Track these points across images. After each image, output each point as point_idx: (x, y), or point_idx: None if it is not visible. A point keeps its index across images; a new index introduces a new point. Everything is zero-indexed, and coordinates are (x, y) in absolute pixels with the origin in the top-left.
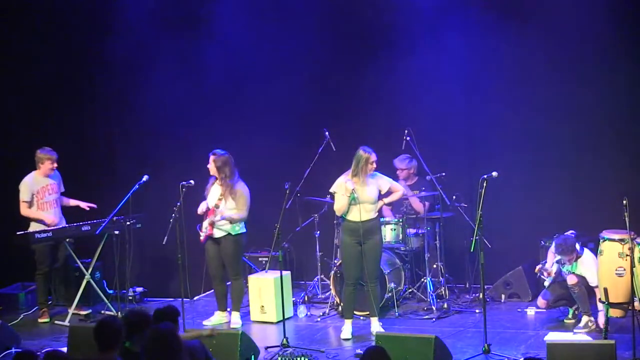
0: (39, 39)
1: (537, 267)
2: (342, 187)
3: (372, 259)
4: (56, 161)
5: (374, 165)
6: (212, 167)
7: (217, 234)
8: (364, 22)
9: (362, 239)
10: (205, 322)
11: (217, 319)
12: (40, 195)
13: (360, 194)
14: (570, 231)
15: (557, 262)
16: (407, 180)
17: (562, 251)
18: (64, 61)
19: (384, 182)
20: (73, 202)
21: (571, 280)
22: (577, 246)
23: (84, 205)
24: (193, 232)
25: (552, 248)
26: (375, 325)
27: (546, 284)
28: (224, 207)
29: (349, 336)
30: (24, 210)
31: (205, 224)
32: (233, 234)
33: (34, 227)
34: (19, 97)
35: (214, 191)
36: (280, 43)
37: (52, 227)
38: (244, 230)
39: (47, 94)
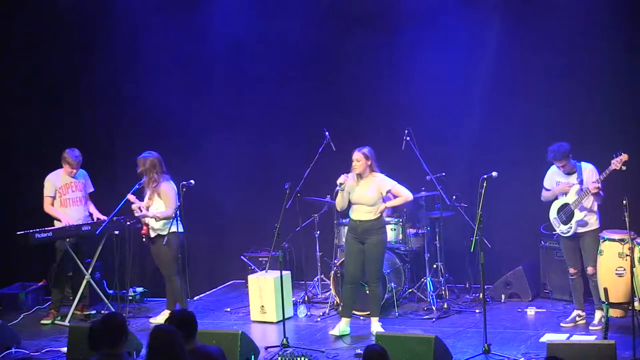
0: (36, 35)
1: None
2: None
3: (372, 259)
4: (76, 167)
5: (355, 162)
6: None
7: (151, 233)
8: (363, 21)
9: (361, 239)
10: (151, 320)
11: (163, 318)
12: (63, 192)
13: (356, 193)
14: None
15: (557, 218)
16: None
17: (555, 157)
18: (63, 60)
19: (385, 184)
20: (91, 209)
21: (573, 269)
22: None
23: (96, 215)
24: (193, 231)
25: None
26: (376, 325)
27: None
28: (152, 208)
29: (337, 333)
30: (47, 206)
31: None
32: (163, 233)
33: (59, 223)
34: (17, 98)
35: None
36: (280, 43)
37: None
38: (179, 230)
39: (46, 93)
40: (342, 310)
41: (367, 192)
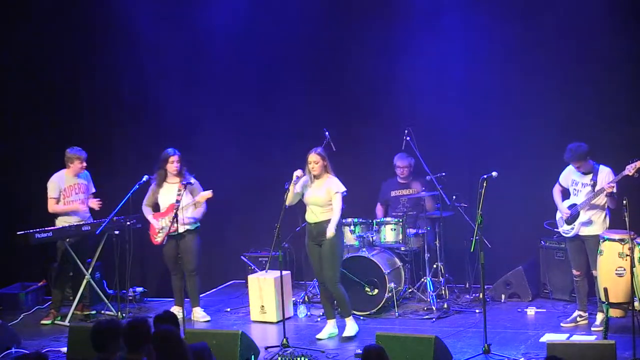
0: (36, 35)
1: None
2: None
3: (326, 262)
4: (85, 160)
5: (313, 164)
6: (177, 166)
7: (180, 229)
8: (363, 21)
9: (317, 241)
10: (201, 320)
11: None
12: (67, 193)
13: (309, 193)
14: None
15: (570, 207)
16: (401, 178)
17: (571, 157)
18: (63, 60)
19: (333, 186)
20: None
21: (576, 271)
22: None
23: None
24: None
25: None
26: (350, 326)
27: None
28: (185, 202)
29: (324, 337)
30: (52, 207)
31: (165, 222)
32: (193, 228)
33: (60, 223)
34: (16, 98)
35: (167, 190)
36: (280, 43)
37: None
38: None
39: (45, 92)
40: (326, 313)
41: (319, 192)
